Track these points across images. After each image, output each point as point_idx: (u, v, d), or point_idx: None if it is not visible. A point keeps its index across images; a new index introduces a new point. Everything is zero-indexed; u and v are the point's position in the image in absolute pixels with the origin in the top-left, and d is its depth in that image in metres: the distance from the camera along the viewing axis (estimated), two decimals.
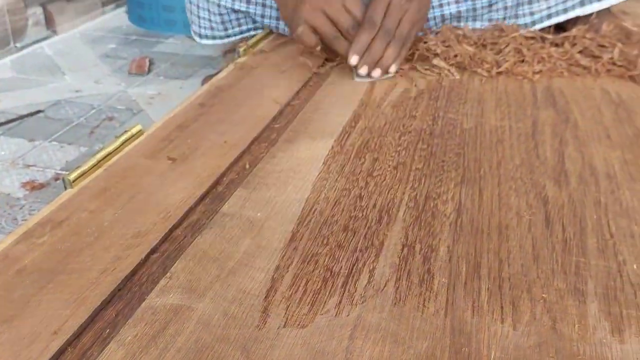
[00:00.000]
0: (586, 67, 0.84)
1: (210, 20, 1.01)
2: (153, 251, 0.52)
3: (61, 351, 0.41)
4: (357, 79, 0.85)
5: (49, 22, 1.39)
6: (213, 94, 0.82)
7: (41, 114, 1.06)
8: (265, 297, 0.46)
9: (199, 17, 1.01)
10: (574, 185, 0.59)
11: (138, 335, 0.42)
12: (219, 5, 0.99)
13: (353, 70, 0.85)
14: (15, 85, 1.16)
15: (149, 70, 1.24)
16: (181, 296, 0.46)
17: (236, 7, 0.99)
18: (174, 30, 1.46)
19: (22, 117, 1.02)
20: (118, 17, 1.59)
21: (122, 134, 0.69)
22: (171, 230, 0.54)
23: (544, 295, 0.45)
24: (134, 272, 0.49)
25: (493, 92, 0.80)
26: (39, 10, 1.34)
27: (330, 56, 0.92)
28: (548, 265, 0.48)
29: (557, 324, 0.43)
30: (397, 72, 0.86)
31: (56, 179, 0.91)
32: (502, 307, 0.44)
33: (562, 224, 0.53)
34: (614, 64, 0.84)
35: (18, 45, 1.27)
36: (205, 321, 0.43)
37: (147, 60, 1.24)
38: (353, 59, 0.82)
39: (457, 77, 0.84)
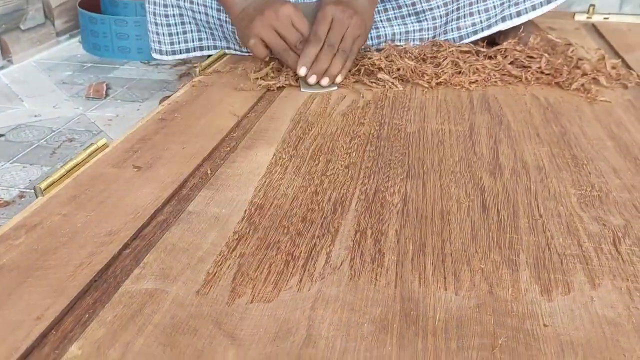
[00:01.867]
0: (517, 77, 0.92)
1: (170, 35, 1.06)
2: (125, 247, 0.55)
3: (44, 335, 0.45)
4: (304, 90, 0.92)
5: (4, 51, 1.41)
6: (172, 108, 0.86)
7: (1, 138, 1.08)
8: (233, 279, 0.50)
9: (158, 33, 1.06)
10: (507, 177, 0.65)
11: (117, 316, 0.46)
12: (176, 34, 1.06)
13: (300, 82, 0.92)
14: None
15: (106, 95, 1.28)
16: (155, 282, 0.50)
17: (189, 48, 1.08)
18: (129, 57, 1.50)
19: None
20: (72, 46, 1.63)
21: (89, 147, 0.73)
22: (141, 229, 0.58)
23: (482, 266, 0.51)
24: (108, 265, 0.53)
25: (434, 101, 0.87)
26: None
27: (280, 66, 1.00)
28: (485, 242, 0.54)
29: (493, 289, 0.48)
30: (341, 83, 0.93)
31: (21, 197, 0.93)
32: (445, 278, 0.50)
33: (497, 208, 0.59)
34: (542, 72, 0.92)
35: None
36: (179, 301, 0.47)
37: (104, 85, 1.28)
38: (302, 70, 0.90)
39: (401, 88, 0.91)
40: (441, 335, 0.44)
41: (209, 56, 1.06)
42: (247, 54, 1.08)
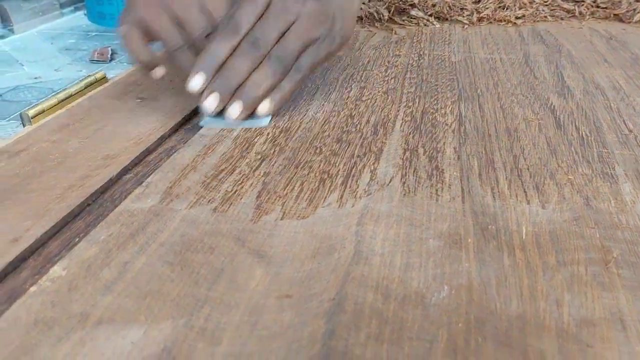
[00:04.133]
0: (569, 11, 0.82)
1: None
2: (125, 171, 0.46)
3: (22, 258, 0.35)
4: (203, 123, 0.52)
5: (5, 19, 1.32)
6: None
7: None
8: (258, 196, 0.40)
9: None
10: (580, 97, 0.55)
11: (113, 235, 0.36)
12: None
13: (201, 108, 0.51)
14: None
15: (111, 59, 1.18)
16: (161, 200, 0.40)
17: None
18: None
19: None
20: (77, 18, 1.54)
21: (86, 78, 0.63)
22: (145, 154, 0.48)
23: (570, 177, 0.40)
24: (105, 189, 0.43)
25: (477, 35, 0.77)
26: None
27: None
28: (568, 157, 0.44)
29: (591, 202, 0.38)
30: (271, 118, 0.52)
31: None
32: (525, 192, 0.39)
33: (575, 125, 0.49)
34: (597, 6, 0.82)
35: None
36: (191, 219, 0.37)
37: (109, 49, 1.19)
38: (194, 81, 0.50)
39: (437, 25, 0.80)
40: (532, 250, 0.33)
41: None
42: None
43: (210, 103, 0.50)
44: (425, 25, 0.81)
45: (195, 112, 0.56)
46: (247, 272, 0.32)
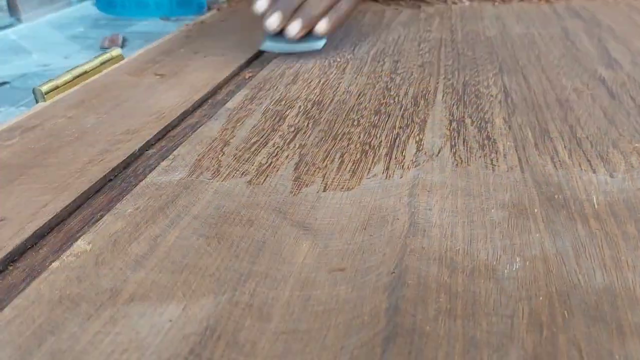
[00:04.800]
0: None
1: None
2: (148, 146, 0.42)
3: (40, 235, 0.32)
4: (264, 47, 0.57)
5: (13, 8, 1.29)
6: (198, 28, 0.74)
7: (7, 86, 0.96)
8: (295, 168, 0.37)
9: None
10: (630, 68, 0.51)
11: (140, 208, 0.33)
12: None
13: (265, 31, 0.56)
14: None
15: (123, 46, 1.15)
16: (189, 172, 0.37)
17: None
18: (147, 14, 1.37)
19: None
20: (86, 8, 1.51)
21: (101, 55, 0.60)
22: (167, 129, 0.45)
23: (635, 145, 0.37)
24: (127, 163, 0.40)
25: (510, 12, 0.73)
26: None
27: None
28: (629, 126, 0.40)
29: None
30: (325, 41, 0.56)
31: None
32: (589, 161, 0.36)
33: (630, 96, 0.46)
34: None
35: None
36: (226, 192, 0.34)
37: (120, 36, 1.16)
38: (260, 2, 0.55)
39: (467, 3, 0.77)
40: (608, 219, 0.30)
41: None
42: None
43: (272, 21, 0.54)
44: (454, 3, 0.77)
45: (220, 87, 0.53)
46: (293, 244, 0.29)
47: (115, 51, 0.62)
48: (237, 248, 0.29)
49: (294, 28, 0.54)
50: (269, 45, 0.56)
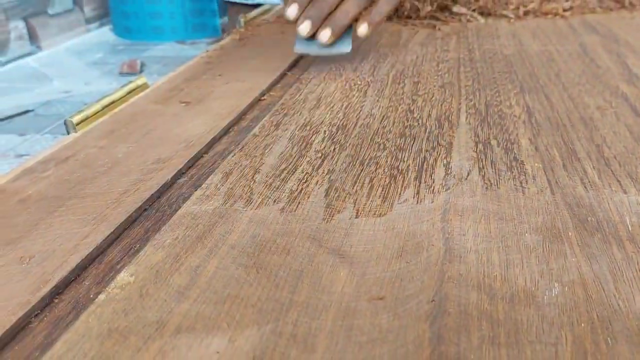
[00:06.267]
0: (619, 1, 0.78)
1: None
2: (180, 174, 0.43)
3: (83, 267, 0.32)
4: (296, 50, 0.61)
5: (33, 37, 1.32)
6: (218, 54, 0.75)
7: (31, 113, 0.98)
8: (326, 195, 0.37)
9: None
10: None
11: (179, 238, 0.33)
12: None
13: (297, 35, 0.60)
14: (1, 92, 1.08)
15: (141, 70, 1.17)
16: (224, 202, 0.37)
17: None
18: (163, 38, 1.39)
19: (10, 117, 0.93)
20: (104, 34, 1.53)
21: (126, 84, 0.61)
22: (197, 157, 0.46)
23: None
24: (160, 192, 0.40)
25: (526, 29, 0.73)
26: (21, 24, 1.27)
27: None
28: None
29: None
30: (351, 47, 0.59)
31: None
32: (618, 181, 0.36)
33: None
34: None
35: (2, 59, 1.19)
36: (259, 220, 0.35)
37: (138, 61, 1.17)
38: (291, 9, 0.57)
39: (482, 21, 0.77)
40: None
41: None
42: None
43: (304, 28, 0.57)
44: (468, 21, 0.78)
45: (244, 114, 0.53)
46: (331, 273, 0.29)
47: (141, 79, 0.63)
48: (276, 277, 0.29)
49: (325, 35, 0.57)
50: (299, 48, 0.60)
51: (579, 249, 0.30)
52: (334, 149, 0.44)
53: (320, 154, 0.43)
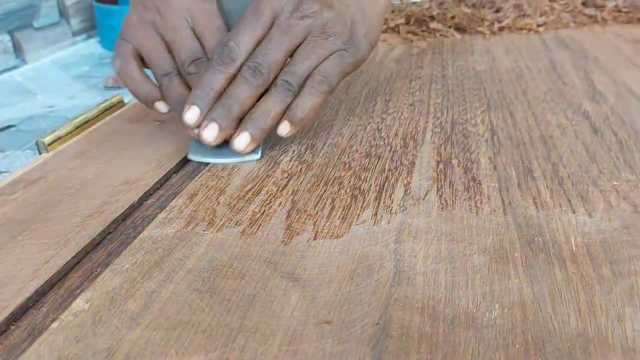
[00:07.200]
0: (591, 16, 0.80)
1: None
2: (147, 196, 0.44)
3: (42, 293, 0.33)
4: (192, 156, 0.47)
5: (18, 50, 1.32)
6: None
7: (13, 129, 0.99)
8: (287, 216, 0.38)
9: None
10: (613, 101, 0.53)
11: (137, 263, 0.34)
12: None
13: (189, 141, 0.49)
14: None
15: None
16: (186, 225, 0.38)
17: None
18: None
19: None
20: (90, 46, 1.54)
21: (102, 102, 0.62)
22: (166, 177, 0.47)
23: (615, 183, 0.38)
24: (125, 215, 0.41)
25: (499, 44, 0.75)
26: (6, 38, 1.28)
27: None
28: (609, 162, 0.42)
29: (639, 209, 0.36)
30: (262, 149, 0.47)
31: None
32: (569, 200, 0.37)
33: (612, 130, 0.47)
34: (619, 10, 0.80)
35: None
36: (219, 243, 0.36)
37: None
38: (189, 113, 0.45)
39: (458, 37, 0.79)
40: (584, 261, 0.31)
41: None
42: None
43: (209, 135, 0.44)
44: (445, 36, 0.79)
45: None
46: (282, 297, 0.30)
47: (116, 98, 0.64)
48: (229, 302, 0.30)
49: (242, 142, 0.45)
50: (195, 155, 0.47)
51: (522, 269, 0.31)
52: (301, 169, 0.45)
53: (286, 174, 0.44)
